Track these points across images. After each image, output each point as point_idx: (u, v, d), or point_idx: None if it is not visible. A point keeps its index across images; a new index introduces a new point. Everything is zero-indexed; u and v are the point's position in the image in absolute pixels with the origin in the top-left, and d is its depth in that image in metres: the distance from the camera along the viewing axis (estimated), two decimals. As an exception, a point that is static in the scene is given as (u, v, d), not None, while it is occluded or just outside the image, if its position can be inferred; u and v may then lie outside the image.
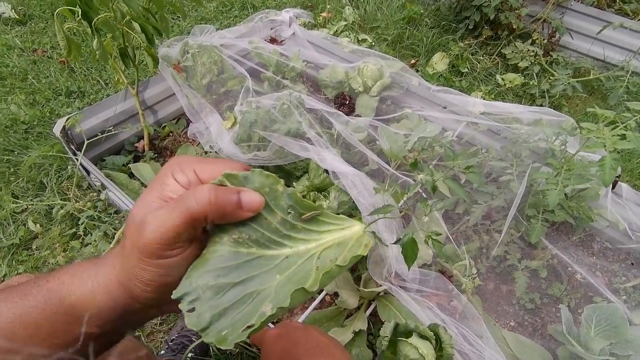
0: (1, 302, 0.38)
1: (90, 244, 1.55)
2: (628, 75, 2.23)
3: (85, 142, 1.55)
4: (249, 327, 0.34)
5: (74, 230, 1.60)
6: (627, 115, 1.40)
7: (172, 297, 0.37)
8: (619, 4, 2.70)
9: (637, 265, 1.72)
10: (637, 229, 1.63)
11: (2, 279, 1.54)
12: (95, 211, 1.60)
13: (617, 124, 1.38)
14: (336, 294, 1.53)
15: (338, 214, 1.58)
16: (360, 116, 1.95)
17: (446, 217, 1.77)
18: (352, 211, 1.71)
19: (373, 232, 1.14)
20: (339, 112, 1.79)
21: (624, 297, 1.66)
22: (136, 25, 1.36)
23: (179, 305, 0.36)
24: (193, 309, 0.35)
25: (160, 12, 1.51)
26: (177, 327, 1.48)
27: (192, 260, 0.38)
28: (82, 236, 1.60)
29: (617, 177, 1.65)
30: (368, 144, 1.89)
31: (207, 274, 0.36)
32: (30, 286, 0.39)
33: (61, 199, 1.67)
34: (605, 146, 1.29)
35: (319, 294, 1.48)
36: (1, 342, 0.36)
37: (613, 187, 1.67)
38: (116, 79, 1.59)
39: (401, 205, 1.27)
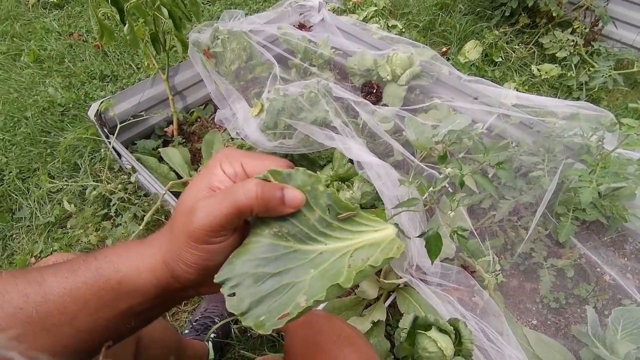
0: (51, 276, 0.41)
1: (121, 224, 1.62)
2: (676, 68, 2.09)
3: (118, 126, 1.60)
4: (284, 315, 0.36)
5: (105, 211, 1.67)
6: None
7: (215, 281, 0.39)
8: (671, -10, 2.52)
9: (672, 270, 1.65)
10: (675, 232, 1.56)
11: (39, 254, 1.63)
12: (126, 193, 1.66)
13: (661, 121, 1.31)
14: (356, 284, 1.54)
15: (362, 205, 1.57)
16: (388, 105, 1.92)
17: (471, 212, 1.74)
18: (375, 202, 1.70)
19: (396, 224, 1.12)
20: (366, 101, 1.77)
21: (656, 301, 1.60)
22: (164, 11, 1.37)
23: (221, 289, 0.39)
24: (234, 294, 0.38)
25: (189, -2, 1.53)
26: (201, 308, 1.53)
27: (233, 248, 0.41)
28: (114, 217, 1.67)
29: (656, 176, 1.57)
30: (394, 135, 1.87)
31: (248, 263, 0.39)
32: (79, 263, 0.43)
33: (94, 181, 1.74)
34: (646, 144, 1.23)
35: (353, 290, 1.50)
36: (56, 315, 0.39)
37: (652, 187, 1.59)
38: (146, 64, 1.62)
39: (425, 198, 1.25)
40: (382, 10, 2.80)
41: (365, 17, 2.74)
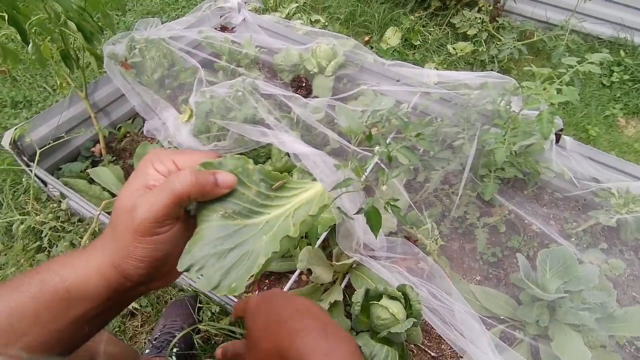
0: None
1: (57, 255, 1.53)
2: (567, 34, 2.35)
3: (38, 152, 1.51)
4: (252, 275, 0.42)
5: (37, 243, 1.57)
6: (563, 70, 1.50)
7: (179, 269, 0.42)
8: (556, -34, 2.81)
9: (584, 210, 1.86)
10: (582, 177, 1.76)
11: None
12: (58, 222, 1.57)
13: (555, 80, 1.48)
14: (310, 272, 1.58)
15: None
16: (318, 97, 1.98)
17: (409, 187, 1.85)
18: (318, 191, 1.75)
19: (339, 208, 1.17)
20: (296, 95, 1.81)
21: (576, 241, 1.80)
22: (72, 25, 1.32)
23: (188, 274, 0.42)
24: (202, 275, 0.42)
25: (97, 10, 1.47)
26: (159, 325, 1.50)
27: (178, 235, 0.44)
28: (48, 248, 1.57)
29: (559, 131, 1.77)
30: (329, 124, 1.93)
31: (206, 246, 0.43)
32: (21, 280, 0.42)
33: (20, 214, 1.62)
34: (542, 102, 1.38)
35: (308, 277, 1.54)
36: (4, 336, 0.39)
37: (557, 141, 1.79)
38: (59, 83, 1.54)
39: (364, 179, 1.32)
40: (303, 6, 2.86)
41: (288, 14, 2.78)
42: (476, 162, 1.68)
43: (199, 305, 1.55)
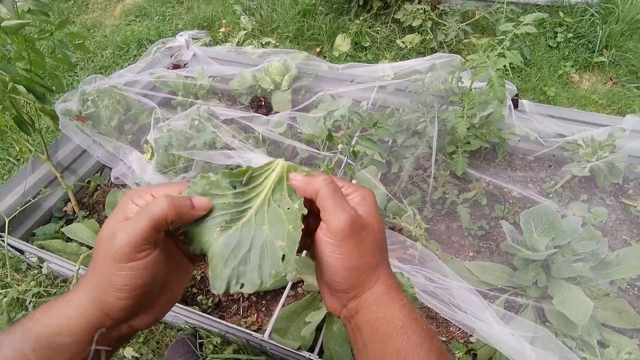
0: None
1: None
2: (505, 6, 2.44)
3: (7, 222, 1.48)
4: (283, 257, 0.44)
5: (23, 312, 1.53)
6: (502, 38, 1.55)
7: (218, 293, 0.44)
8: (482, -53, 2.94)
9: (556, 167, 1.90)
10: (547, 136, 1.80)
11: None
12: (41, 288, 1.54)
13: (497, 48, 1.53)
14: (302, 281, 1.57)
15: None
16: (279, 112, 2.00)
17: (385, 181, 1.86)
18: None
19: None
20: (257, 114, 1.83)
21: (557, 198, 1.83)
22: (21, 88, 1.33)
23: (231, 290, 0.44)
24: (242, 284, 0.44)
25: (44, 72, 1.49)
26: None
27: (158, 262, 0.43)
28: (35, 315, 1.53)
29: (515, 96, 1.82)
30: (295, 136, 1.95)
31: (228, 261, 0.45)
32: (5, 333, 0.41)
33: (1, 287, 1.59)
34: (489, 69, 1.42)
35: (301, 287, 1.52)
36: None
37: (516, 107, 1.83)
38: (18, 150, 1.53)
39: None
40: (252, 32, 2.92)
41: (239, 41, 2.84)
42: (442, 142, 1.71)
43: (200, 340, 1.52)
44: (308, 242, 0.50)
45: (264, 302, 1.61)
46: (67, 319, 0.42)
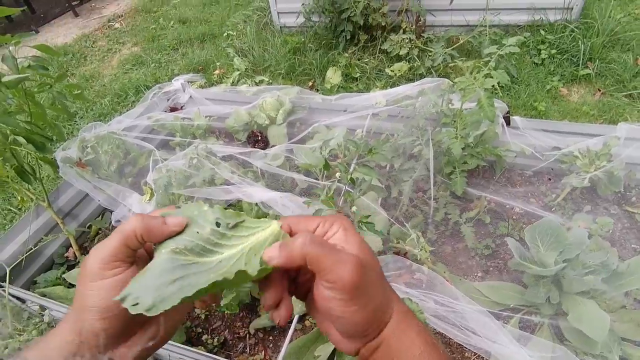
0: None
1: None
2: (488, 29, 2.53)
3: (8, 271, 1.47)
4: (189, 297, 0.38)
5: (24, 366, 1.48)
6: (487, 59, 1.60)
7: (116, 298, 0.39)
8: (460, -23, 3.09)
9: (555, 180, 1.90)
10: (542, 150, 1.81)
11: None
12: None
13: (483, 69, 1.57)
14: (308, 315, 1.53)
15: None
16: (276, 146, 2.03)
17: (386, 205, 1.86)
18: (299, 233, 1.74)
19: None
20: (254, 149, 1.86)
21: (561, 211, 1.81)
22: (21, 139, 1.36)
23: (123, 304, 0.38)
24: (137, 304, 0.38)
25: (45, 122, 1.53)
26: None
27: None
28: (36, 369, 1.48)
29: (507, 113, 1.85)
30: (293, 168, 1.97)
31: (148, 278, 0.40)
32: None
33: (1, 339, 1.55)
34: (477, 90, 1.45)
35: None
36: None
37: (508, 124, 1.86)
38: (19, 199, 1.55)
39: (336, 208, 1.32)
40: (245, 72, 3.02)
41: (233, 81, 2.92)
42: (439, 163, 1.72)
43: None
44: (293, 289, 0.47)
45: (270, 337, 1.56)
46: (49, 350, 0.41)
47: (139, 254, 0.45)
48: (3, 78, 1.29)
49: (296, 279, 0.47)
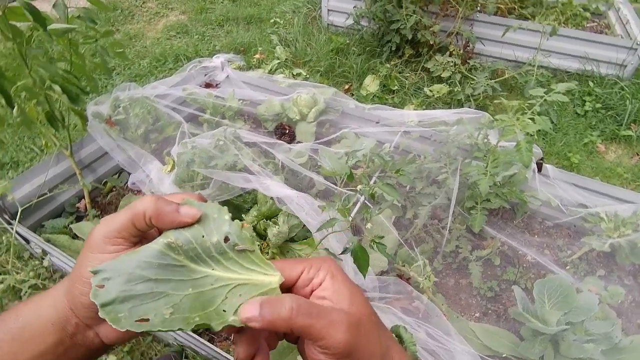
0: None
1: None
2: (536, 69, 2.47)
3: (20, 210, 1.50)
4: (144, 320, 0.36)
5: (16, 303, 1.50)
6: (532, 102, 1.56)
7: (91, 269, 0.38)
8: (518, 10, 3.02)
9: (576, 237, 1.84)
10: (568, 204, 1.77)
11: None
12: (39, 280, 1.52)
13: (526, 112, 1.53)
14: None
15: (293, 238, 1.56)
16: (301, 142, 2.02)
17: (398, 225, 1.83)
18: (307, 234, 1.73)
19: (327, 249, 1.14)
20: (280, 141, 1.85)
21: (573, 269, 1.76)
22: (57, 88, 1.37)
23: (92, 279, 0.37)
24: (103, 286, 0.37)
25: (83, 74, 1.54)
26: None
27: None
28: (27, 310, 1.50)
29: (540, 160, 1.80)
30: (314, 167, 1.95)
31: (130, 262, 0.38)
32: None
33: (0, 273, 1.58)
34: (517, 132, 1.41)
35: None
36: None
37: (540, 170, 1.81)
38: (44, 143, 1.57)
39: (350, 219, 1.31)
40: (285, 62, 3.01)
41: (271, 69, 2.92)
42: (462, 195, 1.69)
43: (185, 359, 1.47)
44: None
45: None
46: (39, 311, 0.41)
47: (148, 234, 0.43)
48: (50, 26, 1.30)
49: None
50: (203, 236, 0.41)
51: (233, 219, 0.42)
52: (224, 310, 0.38)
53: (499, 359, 1.50)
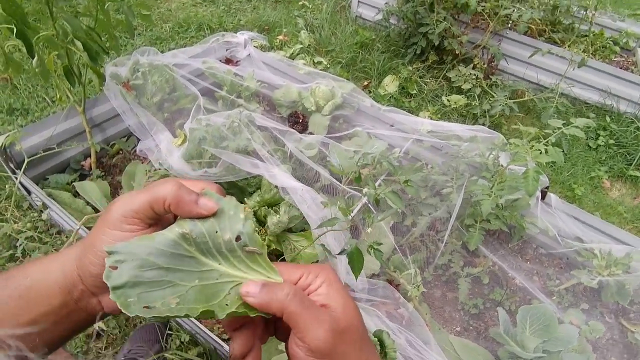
0: None
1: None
2: (557, 97, 2.46)
3: (26, 160, 1.50)
4: (148, 307, 0.37)
5: (11, 252, 1.52)
6: (549, 131, 1.56)
7: (104, 248, 0.39)
8: (549, 33, 2.99)
9: (566, 268, 1.87)
10: (566, 235, 1.78)
11: None
12: (36, 232, 1.54)
13: (541, 140, 1.53)
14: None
15: (291, 229, 1.58)
16: (313, 134, 2.02)
17: (396, 230, 1.85)
18: (305, 225, 1.75)
19: (323, 245, 1.15)
20: (292, 129, 1.85)
21: (558, 299, 1.79)
22: (79, 44, 1.36)
23: (106, 259, 0.38)
24: (116, 268, 0.38)
25: (106, 32, 1.52)
26: (124, 350, 1.43)
27: None
28: (21, 258, 1.52)
29: (545, 188, 1.81)
30: (322, 161, 1.95)
31: (144, 248, 0.40)
32: None
33: (-2, 220, 1.59)
34: (528, 160, 1.42)
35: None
36: None
37: (543, 198, 1.82)
38: (58, 96, 1.56)
39: (350, 218, 1.32)
40: (307, 48, 2.98)
41: (292, 54, 2.89)
42: (463, 211, 1.70)
43: (169, 332, 1.49)
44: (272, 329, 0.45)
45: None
46: (48, 272, 0.42)
47: (164, 218, 0.44)
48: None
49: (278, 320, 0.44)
50: (217, 232, 0.42)
51: (255, 212, 0.44)
52: (226, 304, 0.40)
53: (472, 376, 1.53)
